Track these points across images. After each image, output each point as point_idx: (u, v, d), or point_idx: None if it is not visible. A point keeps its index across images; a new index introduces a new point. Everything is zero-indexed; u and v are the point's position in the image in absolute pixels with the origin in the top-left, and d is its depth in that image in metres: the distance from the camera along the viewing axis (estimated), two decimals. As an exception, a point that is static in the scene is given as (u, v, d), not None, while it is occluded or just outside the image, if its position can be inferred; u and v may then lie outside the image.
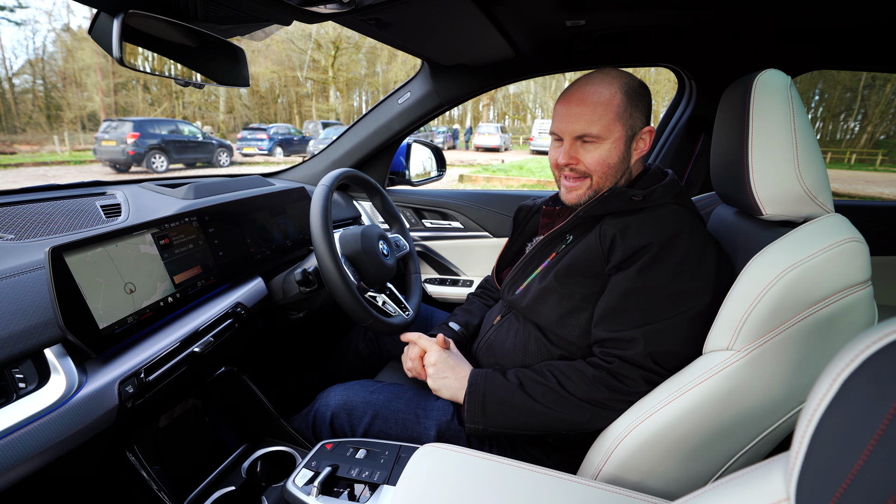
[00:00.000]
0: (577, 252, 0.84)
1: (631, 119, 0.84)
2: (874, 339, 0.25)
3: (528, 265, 0.94)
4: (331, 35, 25.70)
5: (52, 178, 10.96)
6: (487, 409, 0.81)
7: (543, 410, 0.78)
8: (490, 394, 0.82)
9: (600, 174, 0.86)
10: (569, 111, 0.85)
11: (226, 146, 13.44)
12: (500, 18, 1.07)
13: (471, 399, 0.83)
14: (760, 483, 0.33)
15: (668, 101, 3.49)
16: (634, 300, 0.76)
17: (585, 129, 0.83)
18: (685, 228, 0.77)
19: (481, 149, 20.69)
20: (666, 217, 0.79)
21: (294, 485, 0.77)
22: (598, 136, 0.83)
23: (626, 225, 0.79)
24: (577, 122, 0.84)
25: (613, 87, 0.83)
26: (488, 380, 0.83)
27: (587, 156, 0.85)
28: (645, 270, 0.76)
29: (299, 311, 1.20)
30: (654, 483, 0.73)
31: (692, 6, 1.12)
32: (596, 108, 0.82)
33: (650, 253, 0.75)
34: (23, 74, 22.47)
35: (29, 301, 0.69)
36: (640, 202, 0.81)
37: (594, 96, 0.83)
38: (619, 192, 0.82)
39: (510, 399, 0.80)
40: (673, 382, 0.71)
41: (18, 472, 0.61)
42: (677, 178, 0.87)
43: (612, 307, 0.78)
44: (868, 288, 0.63)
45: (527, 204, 1.13)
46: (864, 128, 24.27)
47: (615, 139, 0.84)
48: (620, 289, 0.78)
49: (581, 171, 0.87)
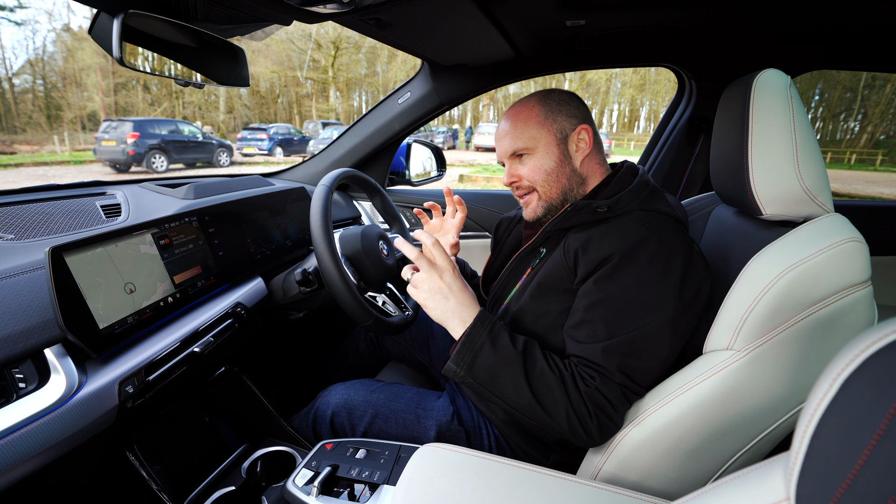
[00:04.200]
0: (546, 269, 0.83)
1: (555, 123, 0.86)
2: (874, 339, 0.25)
3: (508, 281, 0.93)
4: (331, 35, 25.70)
5: (52, 178, 10.96)
6: (477, 362, 0.74)
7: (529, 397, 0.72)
8: (486, 350, 0.74)
9: (541, 182, 0.87)
10: (498, 136, 0.91)
11: (226, 146, 13.44)
12: (500, 18, 1.07)
13: (466, 342, 0.76)
14: (760, 483, 0.33)
15: (668, 101, 3.49)
16: (598, 312, 0.73)
17: (513, 145, 0.87)
18: (649, 236, 0.74)
19: (481, 149, 20.69)
20: (628, 225, 0.76)
21: (294, 485, 0.77)
22: (526, 148, 0.86)
23: (588, 238, 0.77)
24: (505, 141, 0.89)
25: (530, 102, 0.88)
26: (493, 333, 0.76)
27: (523, 169, 0.88)
28: (606, 281, 0.73)
29: (299, 311, 1.20)
30: (654, 483, 0.73)
31: (692, 6, 1.12)
32: (517, 124, 0.87)
33: (611, 263, 0.73)
34: (23, 74, 22.48)
35: (29, 301, 0.69)
36: (605, 213, 0.79)
37: (514, 116, 0.88)
38: (581, 206, 0.80)
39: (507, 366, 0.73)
40: (672, 382, 0.71)
41: (18, 472, 0.61)
42: (647, 180, 0.83)
43: (578, 320, 0.75)
44: (868, 288, 0.63)
45: (507, 216, 1.12)
46: (864, 128, 24.27)
47: (544, 145, 0.86)
48: (584, 301, 0.75)
49: (525, 187, 0.89)
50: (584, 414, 0.70)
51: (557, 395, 0.71)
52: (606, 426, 0.71)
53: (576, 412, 0.70)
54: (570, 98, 0.88)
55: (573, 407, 0.70)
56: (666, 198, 0.85)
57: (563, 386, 0.72)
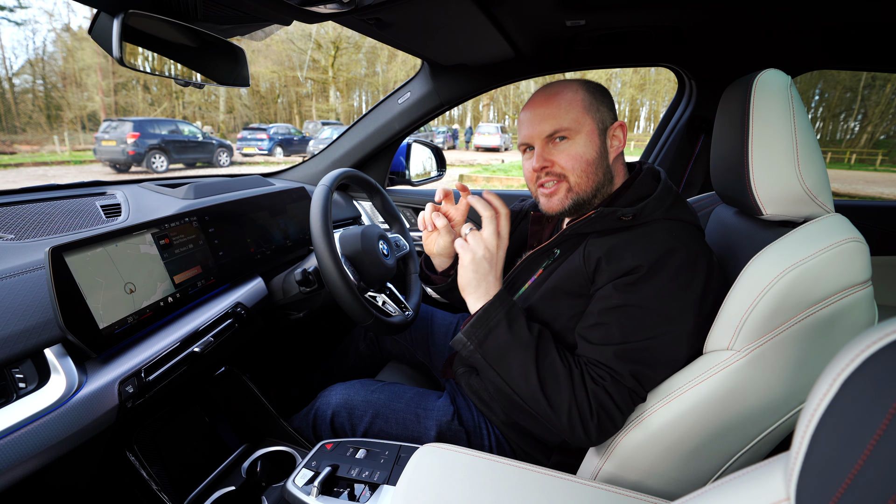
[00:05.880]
0: (561, 273, 0.82)
1: (599, 112, 0.81)
2: (874, 339, 0.25)
3: (517, 280, 0.92)
4: (331, 35, 25.70)
5: (52, 178, 10.96)
6: (489, 339, 0.74)
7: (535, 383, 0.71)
8: (502, 329, 0.73)
9: (578, 173, 0.80)
10: (535, 114, 0.82)
11: (226, 146, 13.44)
12: (500, 18, 1.07)
13: (483, 316, 0.75)
14: (760, 483, 0.33)
15: (668, 101, 3.49)
16: (615, 316, 0.72)
17: (556, 125, 0.79)
18: (676, 247, 0.73)
19: (481, 149, 20.69)
20: (654, 236, 0.74)
21: (294, 485, 0.77)
22: (569, 129, 0.79)
23: (612, 246, 0.75)
24: (545, 121, 0.80)
25: (573, 86, 0.82)
26: (511, 313, 0.75)
27: (561, 155, 0.80)
28: (629, 288, 0.72)
29: (299, 310, 1.20)
30: (654, 483, 0.73)
31: (692, 6, 1.12)
32: (561, 104, 0.80)
33: (637, 274, 0.72)
34: (23, 74, 22.49)
35: (29, 301, 0.69)
36: (630, 221, 0.77)
37: (557, 96, 0.81)
38: (607, 213, 0.77)
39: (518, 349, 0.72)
40: (673, 382, 0.71)
41: (18, 472, 0.61)
42: (670, 185, 0.82)
43: (592, 323, 0.75)
44: (868, 288, 0.63)
45: (513, 209, 1.07)
46: (864, 128, 24.27)
47: (588, 132, 0.80)
48: (600, 305, 0.74)
49: (557, 173, 0.81)
50: (587, 411, 0.70)
51: (564, 386, 0.70)
52: (606, 427, 0.71)
53: (578, 408, 0.70)
54: (605, 92, 0.84)
55: (577, 402, 0.70)
56: (688, 205, 0.83)
57: (571, 379, 0.71)
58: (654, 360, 0.71)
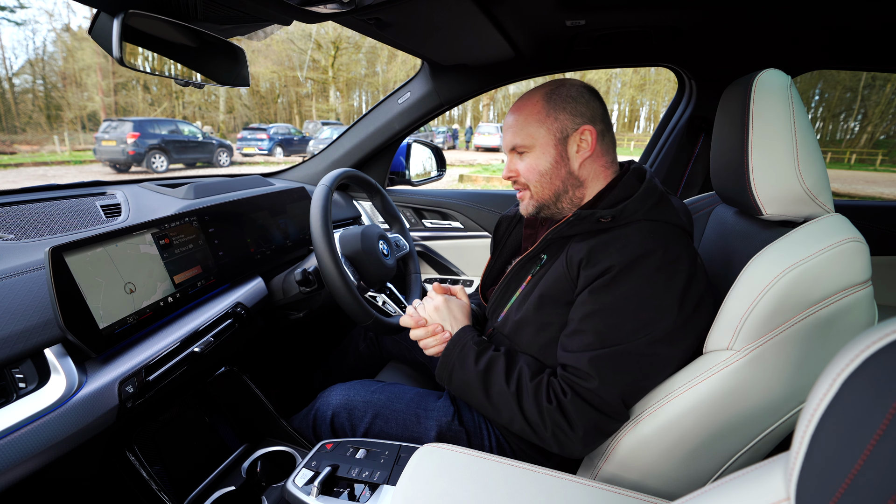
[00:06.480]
0: (548, 280, 0.82)
1: (556, 122, 0.82)
2: (874, 339, 0.25)
3: (508, 288, 0.92)
4: (331, 35, 25.70)
5: (52, 178, 10.96)
6: (453, 379, 0.83)
7: (493, 410, 0.78)
8: (457, 369, 0.82)
9: (534, 182, 0.85)
10: (505, 126, 0.88)
11: (226, 146, 13.44)
12: (500, 18, 1.07)
13: (444, 360, 0.85)
14: (760, 483, 0.33)
15: (668, 101, 3.49)
16: (592, 323, 0.73)
17: (512, 140, 0.85)
18: (654, 248, 0.72)
19: (481, 149, 20.67)
20: (631, 237, 0.74)
21: (294, 485, 0.77)
22: (523, 145, 0.84)
23: (591, 248, 0.75)
24: (507, 135, 0.87)
25: (535, 96, 0.84)
26: (461, 354, 0.83)
27: (521, 165, 0.86)
28: (602, 292, 0.72)
29: (299, 311, 1.20)
30: (654, 482, 0.73)
31: (692, 6, 1.12)
32: (519, 118, 0.84)
33: (609, 274, 0.72)
34: (23, 74, 22.48)
35: (29, 301, 0.69)
36: (609, 222, 0.76)
37: (518, 110, 0.85)
38: (585, 216, 0.77)
39: (471, 385, 0.80)
40: (672, 382, 0.71)
41: (18, 472, 0.61)
42: (654, 186, 0.80)
43: (571, 330, 0.75)
44: (868, 288, 0.63)
45: (508, 214, 1.09)
46: (864, 128, 24.26)
47: (542, 144, 0.83)
48: (579, 312, 0.75)
49: (521, 183, 0.87)
50: (564, 424, 0.72)
51: (514, 410, 0.76)
52: (591, 437, 0.72)
53: (553, 422, 0.72)
54: (580, 94, 0.83)
55: (549, 417, 0.72)
56: (673, 204, 0.82)
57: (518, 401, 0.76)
58: (633, 363, 0.71)
